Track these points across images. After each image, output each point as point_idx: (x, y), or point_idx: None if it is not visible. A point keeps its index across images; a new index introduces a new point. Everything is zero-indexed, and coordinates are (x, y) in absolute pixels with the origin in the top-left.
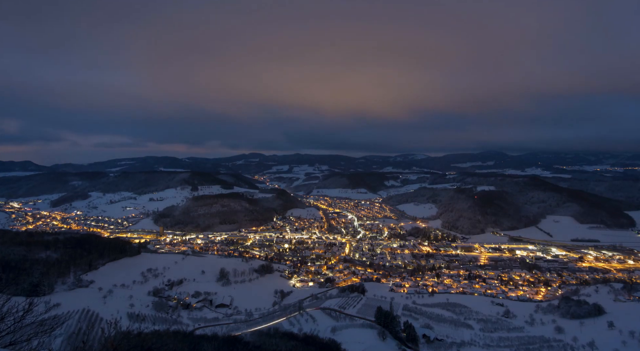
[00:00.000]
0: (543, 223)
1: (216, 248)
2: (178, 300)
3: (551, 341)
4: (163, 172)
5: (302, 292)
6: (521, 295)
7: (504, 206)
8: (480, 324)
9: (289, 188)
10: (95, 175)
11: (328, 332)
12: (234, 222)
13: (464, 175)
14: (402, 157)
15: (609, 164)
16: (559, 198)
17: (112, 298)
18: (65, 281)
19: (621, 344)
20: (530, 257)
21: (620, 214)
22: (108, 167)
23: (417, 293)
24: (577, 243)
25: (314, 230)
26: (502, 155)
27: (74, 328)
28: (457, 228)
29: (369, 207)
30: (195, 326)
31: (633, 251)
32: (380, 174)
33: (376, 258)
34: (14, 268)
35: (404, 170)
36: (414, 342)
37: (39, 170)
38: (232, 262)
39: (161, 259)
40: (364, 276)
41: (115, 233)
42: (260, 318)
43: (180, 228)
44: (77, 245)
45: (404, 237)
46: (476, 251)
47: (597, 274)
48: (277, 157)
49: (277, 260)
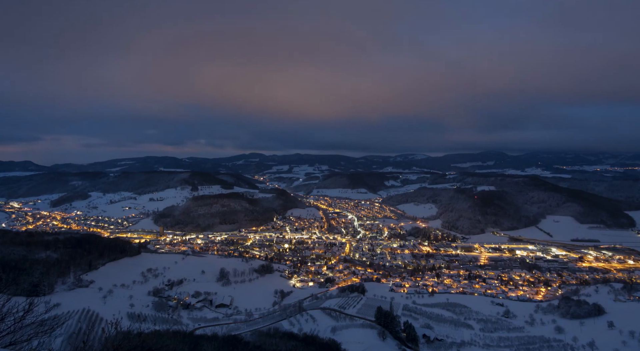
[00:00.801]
0: (543, 223)
1: (216, 248)
2: (178, 300)
3: (551, 341)
4: (163, 172)
5: (302, 292)
6: (521, 295)
7: (504, 206)
8: (480, 324)
9: (289, 188)
10: (95, 175)
11: (328, 332)
12: (234, 222)
13: (464, 175)
14: (402, 157)
15: (609, 164)
16: (559, 198)
17: (112, 298)
18: (65, 281)
19: (621, 344)
20: (530, 256)
21: (620, 214)
22: (108, 167)
23: (417, 293)
24: (577, 243)
25: (314, 230)
26: (502, 155)
27: (74, 328)
28: (457, 228)
29: (369, 207)
30: (195, 326)
31: (633, 251)
32: (380, 174)
33: (376, 258)
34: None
35: (404, 170)
36: (414, 342)
37: (39, 170)
38: (232, 262)
39: (161, 259)
40: (364, 276)
41: (115, 233)
42: (260, 318)
43: (180, 228)
44: (77, 245)
45: (404, 237)
46: (476, 251)
47: (597, 274)
48: (277, 157)
49: (277, 260)
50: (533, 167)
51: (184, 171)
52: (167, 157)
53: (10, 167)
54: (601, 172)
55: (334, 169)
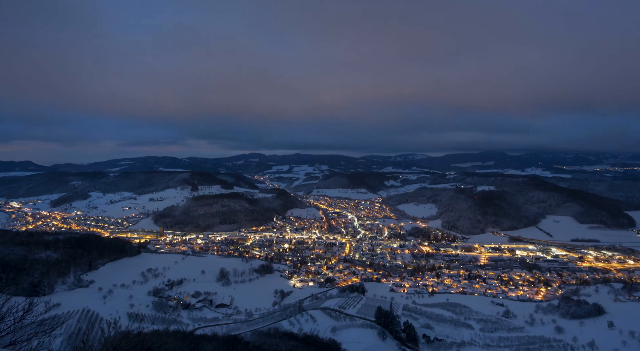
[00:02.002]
0: (543, 223)
1: (216, 248)
2: (178, 300)
3: (551, 341)
4: (163, 172)
5: (302, 292)
6: (521, 295)
7: (504, 206)
8: (480, 324)
9: (289, 188)
10: (95, 175)
11: (328, 332)
12: (234, 222)
13: (464, 175)
14: (402, 157)
15: (609, 164)
16: (559, 198)
17: (112, 298)
18: (65, 281)
19: (621, 344)
20: (530, 257)
21: (620, 214)
22: (108, 167)
23: (417, 293)
24: (577, 243)
25: (314, 230)
26: (502, 155)
27: (74, 328)
28: (457, 228)
29: (369, 207)
30: (195, 326)
31: (633, 251)
32: (380, 174)
33: (376, 258)
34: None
35: (404, 170)
36: (414, 342)
37: (39, 170)
38: (232, 262)
39: (161, 259)
40: (364, 276)
41: (115, 233)
42: (260, 318)
43: (180, 228)
44: (77, 245)
45: (404, 237)
46: (476, 251)
47: (597, 274)
48: (277, 157)
49: (277, 260)
50: (533, 167)
51: (184, 171)
52: (167, 157)
53: (10, 167)
54: (601, 172)
55: (334, 169)
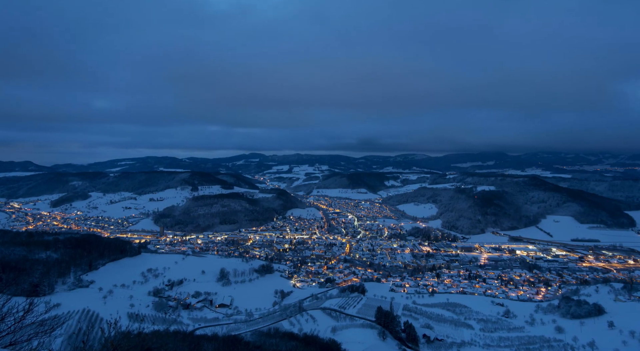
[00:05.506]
0: (543, 223)
1: (216, 248)
2: (178, 300)
3: (551, 341)
4: (163, 172)
5: (302, 292)
6: (521, 295)
7: (504, 206)
8: (480, 324)
9: (289, 188)
10: (96, 175)
11: (328, 332)
12: (234, 222)
13: (464, 175)
14: (402, 157)
15: (609, 164)
16: (559, 198)
17: (112, 298)
18: (65, 282)
19: (621, 344)
20: (531, 256)
21: (620, 214)
22: (108, 167)
23: (417, 293)
24: (577, 243)
25: (314, 230)
26: (502, 155)
27: (74, 328)
28: (457, 228)
29: (369, 207)
30: (195, 326)
31: (633, 251)
32: (380, 174)
33: (376, 258)
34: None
35: (404, 170)
36: (414, 342)
37: (39, 170)
38: (232, 262)
39: (161, 259)
40: (364, 277)
41: (115, 233)
42: (260, 318)
43: (181, 228)
44: (77, 245)
45: (404, 236)
46: (476, 251)
47: (597, 274)
48: (277, 157)
49: (277, 260)
50: (533, 167)
51: (184, 171)
52: (167, 157)
53: (10, 167)
54: (601, 172)
55: (334, 169)
